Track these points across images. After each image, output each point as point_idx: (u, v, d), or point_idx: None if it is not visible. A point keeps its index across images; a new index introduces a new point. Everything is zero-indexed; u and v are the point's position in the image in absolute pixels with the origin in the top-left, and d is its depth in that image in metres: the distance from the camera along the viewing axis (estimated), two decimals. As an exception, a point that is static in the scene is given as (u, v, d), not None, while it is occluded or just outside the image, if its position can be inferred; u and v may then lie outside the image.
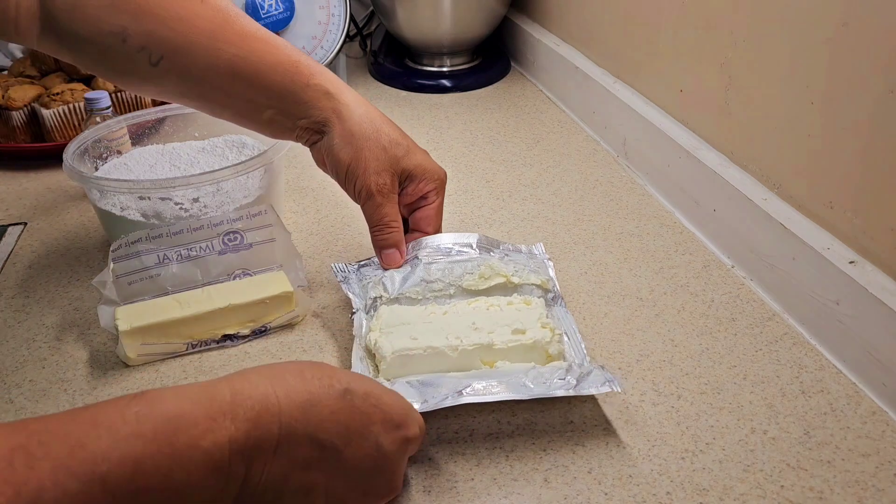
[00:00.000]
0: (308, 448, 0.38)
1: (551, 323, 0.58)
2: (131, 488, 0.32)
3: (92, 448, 0.32)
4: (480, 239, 0.67)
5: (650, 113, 0.86)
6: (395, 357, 0.55)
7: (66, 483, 0.30)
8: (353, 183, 0.63)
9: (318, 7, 1.18)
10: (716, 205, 0.73)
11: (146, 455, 0.33)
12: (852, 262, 0.58)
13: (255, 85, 0.61)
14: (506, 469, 0.51)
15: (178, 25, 0.58)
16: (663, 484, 0.49)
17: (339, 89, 0.62)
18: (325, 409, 0.39)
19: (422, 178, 0.64)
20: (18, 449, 0.31)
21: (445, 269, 0.64)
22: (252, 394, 0.37)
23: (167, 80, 0.60)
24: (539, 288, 0.63)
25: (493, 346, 0.55)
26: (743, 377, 0.58)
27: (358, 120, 0.62)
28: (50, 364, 0.62)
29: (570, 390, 0.51)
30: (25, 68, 1.06)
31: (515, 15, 1.26)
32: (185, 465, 0.33)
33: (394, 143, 0.63)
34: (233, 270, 0.67)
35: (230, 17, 0.60)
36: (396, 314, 0.59)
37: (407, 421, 0.43)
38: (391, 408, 0.42)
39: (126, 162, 0.79)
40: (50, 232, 0.81)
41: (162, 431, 0.33)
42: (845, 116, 0.58)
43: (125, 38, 0.57)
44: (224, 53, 0.59)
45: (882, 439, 0.52)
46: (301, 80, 0.61)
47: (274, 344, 0.63)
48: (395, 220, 0.64)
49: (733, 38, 0.70)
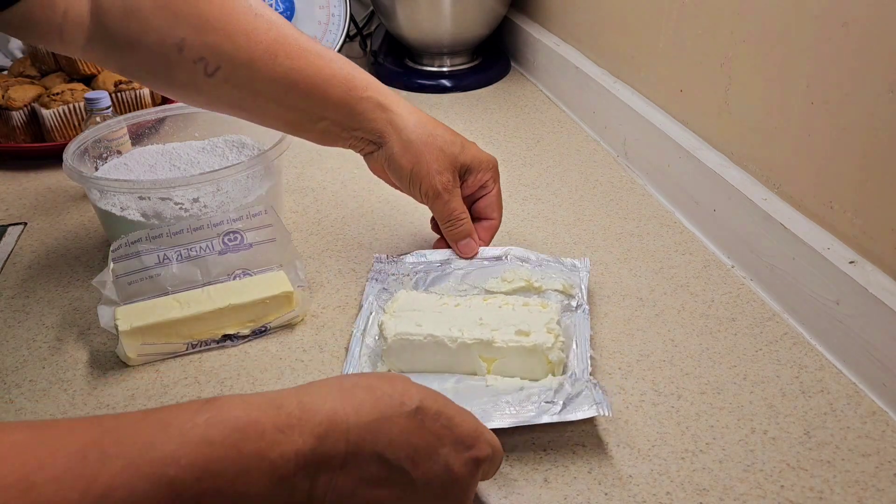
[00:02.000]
0: (376, 467, 0.38)
1: (558, 329, 0.56)
2: (196, 492, 0.32)
3: (162, 449, 0.32)
4: (521, 251, 0.69)
5: (650, 113, 0.86)
6: (395, 339, 0.56)
7: (135, 483, 0.31)
8: (419, 186, 0.66)
9: (318, 7, 1.18)
10: (716, 205, 0.73)
11: (213, 460, 0.33)
12: (852, 262, 0.58)
13: (311, 97, 0.63)
14: (506, 469, 0.51)
15: (239, 39, 0.60)
16: (663, 484, 0.49)
17: (392, 101, 0.65)
18: (394, 427, 0.38)
19: (479, 169, 0.68)
20: (92, 445, 0.31)
21: (476, 275, 0.66)
22: (321, 408, 0.37)
23: (221, 90, 0.62)
24: (561, 293, 0.64)
25: (494, 343, 0.55)
26: (743, 377, 0.58)
27: (413, 128, 0.65)
28: (50, 364, 0.62)
29: (555, 416, 0.51)
30: (25, 68, 1.06)
31: (515, 15, 1.26)
32: (250, 473, 0.34)
33: (448, 142, 0.66)
34: (233, 270, 0.67)
35: (285, 31, 0.62)
36: (411, 300, 0.60)
37: (478, 442, 0.42)
38: (462, 428, 0.41)
39: (126, 162, 0.79)
40: (50, 232, 0.81)
41: (230, 439, 0.34)
42: (845, 116, 0.58)
43: (182, 48, 0.59)
44: (281, 67, 0.61)
45: (882, 439, 0.52)
46: (356, 94, 0.64)
47: (274, 344, 0.63)
48: (463, 212, 0.68)
49: (733, 38, 0.70)
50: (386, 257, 0.70)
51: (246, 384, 0.59)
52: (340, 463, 0.37)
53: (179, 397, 0.58)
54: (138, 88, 1.01)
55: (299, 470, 0.35)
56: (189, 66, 0.60)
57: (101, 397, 0.58)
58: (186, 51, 0.59)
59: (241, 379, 0.59)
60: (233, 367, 0.61)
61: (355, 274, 0.72)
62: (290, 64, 0.62)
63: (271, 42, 0.61)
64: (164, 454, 0.32)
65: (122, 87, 1.00)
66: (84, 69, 1.03)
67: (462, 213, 0.67)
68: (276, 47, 0.61)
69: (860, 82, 0.56)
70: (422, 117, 0.66)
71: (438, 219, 0.68)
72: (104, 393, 0.58)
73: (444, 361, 0.56)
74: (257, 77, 0.61)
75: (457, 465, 0.40)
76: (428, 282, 0.67)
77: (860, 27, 0.55)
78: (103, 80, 1.00)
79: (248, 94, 0.63)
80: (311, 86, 0.62)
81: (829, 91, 0.59)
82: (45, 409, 0.57)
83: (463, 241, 0.68)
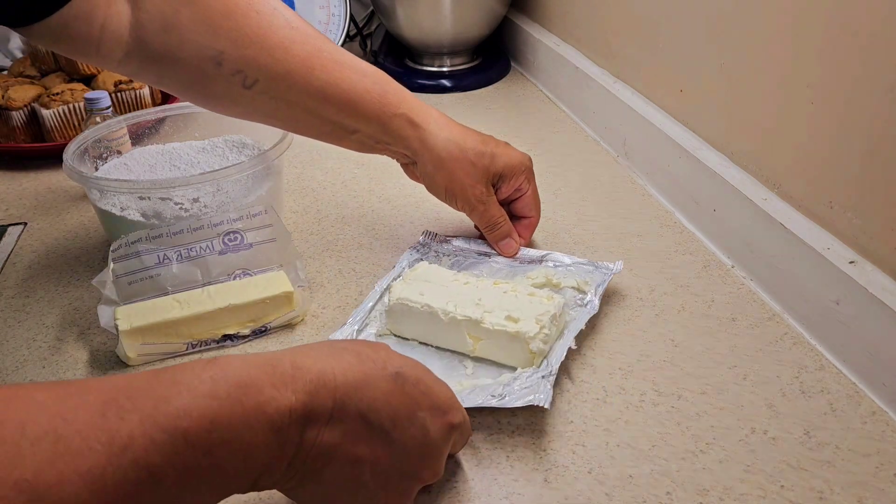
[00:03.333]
0: (358, 424, 0.41)
1: (545, 321, 0.57)
2: (207, 442, 0.35)
3: (175, 404, 0.35)
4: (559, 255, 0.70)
5: (650, 113, 0.86)
6: (396, 303, 0.60)
7: (153, 433, 0.33)
8: (455, 201, 0.70)
9: (318, 7, 1.18)
10: (716, 205, 0.73)
11: (220, 414, 0.35)
12: (852, 262, 0.58)
13: (345, 111, 0.65)
14: (506, 469, 0.51)
15: (277, 53, 0.61)
16: (664, 484, 0.49)
17: (424, 118, 0.67)
18: (376, 390, 0.41)
19: (511, 175, 0.70)
20: (110, 402, 0.34)
21: (507, 272, 0.69)
22: (311, 368, 0.40)
23: (258, 101, 0.63)
24: (575, 290, 0.65)
25: (482, 323, 0.57)
26: (743, 377, 0.58)
27: (443, 145, 0.67)
28: (50, 364, 0.62)
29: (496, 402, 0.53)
30: (25, 68, 1.06)
31: (515, 15, 1.26)
32: (252, 426, 0.36)
33: (479, 154, 0.68)
34: (233, 270, 0.67)
35: (321, 44, 0.64)
36: (427, 272, 0.64)
37: (452, 409, 0.45)
38: (438, 395, 0.45)
39: (126, 162, 0.79)
40: (50, 232, 0.81)
41: (234, 394, 0.36)
42: (845, 116, 0.58)
43: (220, 62, 0.60)
44: (316, 80, 0.63)
45: (882, 439, 0.52)
46: (389, 110, 0.66)
47: (274, 344, 0.63)
48: (500, 216, 0.71)
49: (733, 38, 0.70)
50: (436, 235, 0.74)
51: (246, 384, 0.59)
52: (327, 418, 0.40)
53: (179, 397, 0.58)
54: (138, 88, 1.01)
55: (293, 423, 0.38)
56: (227, 79, 0.61)
57: (101, 397, 0.58)
58: (225, 64, 0.60)
59: (242, 379, 0.59)
60: (233, 367, 0.61)
61: (355, 274, 0.72)
62: (325, 77, 0.63)
63: (307, 55, 0.62)
64: (176, 408, 0.34)
65: (122, 87, 1.00)
66: (84, 69, 1.03)
67: (499, 218, 0.71)
68: (312, 60, 0.62)
69: (860, 82, 0.56)
70: (453, 131, 0.68)
71: (479, 227, 0.72)
72: (104, 393, 0.58)
73: (435, 333, 0.60)
74: (294, 89, 0.63)
75: (433, 429, 0.43)
76: (463, 266, 0.70)
77: (860, 27, 0.55)
78: (103, 80, 1.00)
79: (284, 105, 0.64)
80: (345, 100, 0.64)
81: (830, 91, 0.59)
82: (45, 409, 0.57)
83: (502, 242, 0.71)
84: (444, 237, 0.74)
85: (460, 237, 0.74)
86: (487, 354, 0.59)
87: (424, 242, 0.73)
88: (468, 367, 0.59)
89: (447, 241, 0.73)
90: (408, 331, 0.61)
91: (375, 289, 0.66)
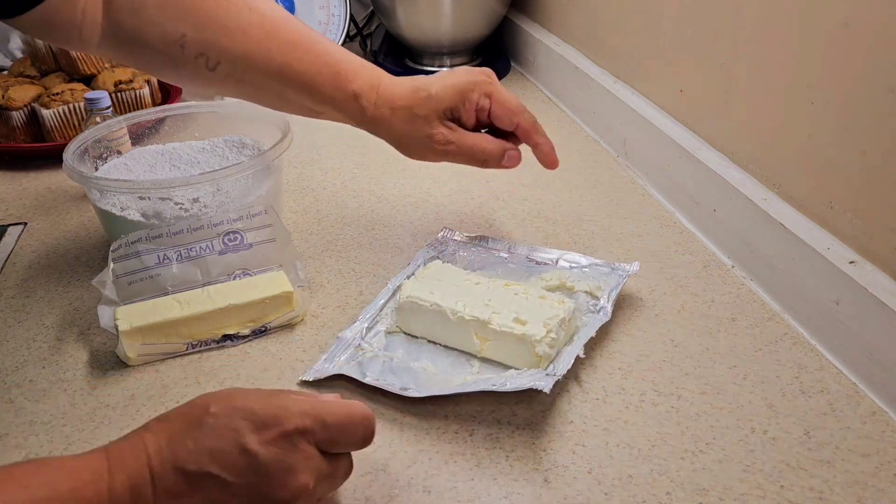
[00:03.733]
0: (179, 480, 0.40)
1: (553, 325, 0.57)
2: None
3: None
4: (574, 256, 0.69)
5: (650, 113, 0.86)
6: (406, 301, 0.61)
7: None
8: (431, 156, 0.67)
9: (318, 7, 1.19)
10: (716, 205, 0.73)
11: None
12: (852, 262, 0.58)
13: (304, 92, 0.65)
14: (506, 469, 0.51)
15: (236, 35, 0.62)
16: (663, 484, 0.49)
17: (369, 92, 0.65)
18: (188, 439, 0.41)
19: (461, 100, 0.65)
20: None
21: (521, 272, 0.68)
22: (122, 444, 0.41)
23: (226, 83, 0.64)
24: (588, 294, 0.65)
25: (489, 324, 0.57)
26: (743, 377, 0.58)
27: (387, 114, 0.65)
28: (50, 364, 0.62)
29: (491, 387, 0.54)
30: (25, 68, 1.06)
31: (515, 15, 1.26)
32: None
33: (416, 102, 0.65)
34: (233, 270, 0.67)
35: (278, 25, 0.63)
36: (440, 270, 0.64)
37: (278, 419, 0.42)
38: (260, 412, 0.42)
39: (126, 162, 0.79)
40: (50, 232, 0.81)
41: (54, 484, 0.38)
42: (846, 116, 0.58)
43: (183, 44, 0.61)
44: (273, 63, 0.63)
45: (882, 439, 0.52)
46: (340, 94, 0.65)
47: (274, 344, 0.63)
48: (479, 143, 0.66)
49: (734, 38, 0.70)
50: (454, 231, 0.74)
51: (246, 384, 0.59)
52: (151, 490, 0.40)
53: (179, 397, 0.58)
54: (138, 88, 1.01)
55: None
56: (192, 62, 0.62)
57: (101, 397, 0.58)
58: (187, 47, 0.61)
59: (241, 379, 0.59)
60: (233, 367, 0.61)
61: (355, 274, 0.72)
62: (281, 59, 0.63)
63: (265, 37, 0.62)
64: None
65: (122, 87, 1.00)
66: (84, 69, 1.03)
67: (478, 144, 0.66)
68: (269, 42, 0.62)
69: (861, 82, 0.56)
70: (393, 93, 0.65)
71: (470, 165, 0.68)
72: (104, 393, 0.58)
73: (443, 332, 0.60)
74: (255, 72, 0.63)
75: (262, 448, 0.41)
76: (478, 266, 0.69)
77: (861, 27, 0.55)
78: (103, 80, 1.00)
79: (251, 87, 0.64)
80: (302, 82, 0.64)
81: (830, 91, 0.59)
82: (44, 409, 0.57)
83: (502, 163, 0.67)
84: (462, 234, 0.74)
85: (477, 235, 0.74)
86: (494, 355, 0.59)
87: (442, 239, 0.73)
88: (475, 366, 0.59)
89: (464, 238, 0.73)
90: (417, 329, 0.62)
91: (388, 286, 0.67)
